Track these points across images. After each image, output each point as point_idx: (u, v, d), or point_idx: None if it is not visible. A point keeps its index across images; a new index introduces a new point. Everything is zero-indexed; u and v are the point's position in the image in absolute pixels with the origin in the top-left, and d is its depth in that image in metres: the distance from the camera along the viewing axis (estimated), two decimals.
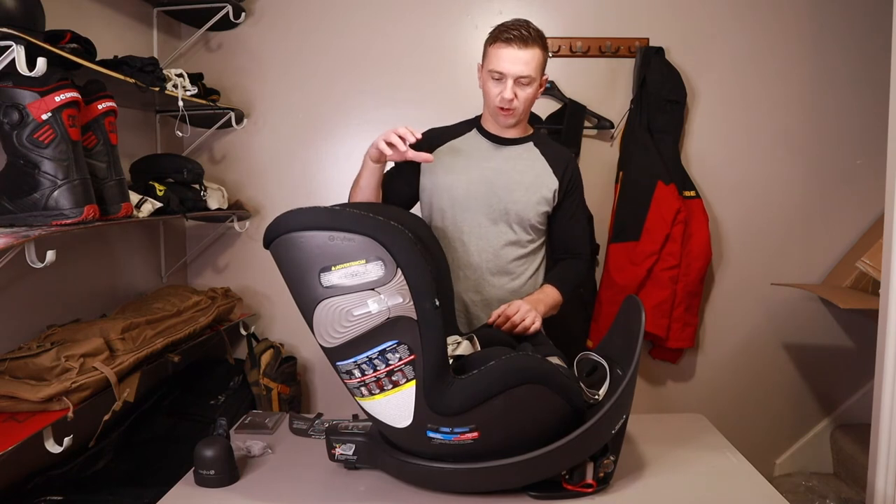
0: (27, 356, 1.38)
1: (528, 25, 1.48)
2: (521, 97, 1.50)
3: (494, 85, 1.50)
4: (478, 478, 1.11)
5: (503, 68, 1.46)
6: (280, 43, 2.38)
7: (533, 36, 1.46)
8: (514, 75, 1.46)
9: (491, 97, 1.52)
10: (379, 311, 1.02)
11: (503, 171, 1.58)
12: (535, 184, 1.58)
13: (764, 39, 2.35)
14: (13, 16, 1.25)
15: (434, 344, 1.05)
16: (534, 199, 1.57)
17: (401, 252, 1.02)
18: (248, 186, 2.43)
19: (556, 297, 1.56)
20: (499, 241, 1.58)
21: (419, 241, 1.20)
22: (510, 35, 1.45)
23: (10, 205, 1.34)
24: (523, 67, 1.46)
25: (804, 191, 2.42)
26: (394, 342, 1.04)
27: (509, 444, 1.09)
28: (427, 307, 1.04)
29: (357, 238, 1.02)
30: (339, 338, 1.04)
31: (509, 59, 1.45)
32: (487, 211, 1.57)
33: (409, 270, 1.03)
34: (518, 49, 1.45)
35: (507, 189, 1.56)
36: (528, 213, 1.57)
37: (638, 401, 2.71)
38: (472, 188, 1.56)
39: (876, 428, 1.59)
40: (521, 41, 1.45)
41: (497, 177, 1.57)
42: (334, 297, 1.02)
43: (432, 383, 1.06)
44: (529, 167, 1.59)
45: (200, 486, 1.18)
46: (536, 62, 1.47)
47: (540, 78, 1.52)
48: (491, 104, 1.54)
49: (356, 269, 1.02)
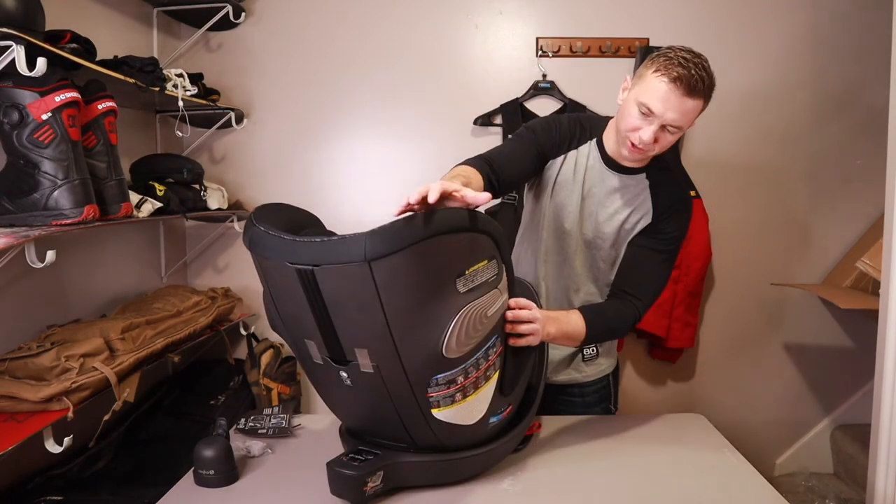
0: (27, 356, 1.38)
1: (703, 68, 1.20)
2: (662, 144, 1.27)
3: (637, 118, 1.24)
4: (510, 445, 1.21)
5: (656, 108, 1.21)
6: (280, 43, 2.38)
7: (705, 87, 1.20)
8: (666, 122, 1.22)
9: (626, 127, 1.27)
10: (500, 308, 1.05)
11: (603, 203, 1.40)
12: (627, 218, 1.39)
13: (764, 39, 2.35)
14: (13, 16, 1.25)
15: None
16: (615, 226, 1.40)
17: (503, 248, 1.06)
18: (248, 186, 2.43)
19: (578, 331, 1.29)
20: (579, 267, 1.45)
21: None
22: (679, 74, 1.18)
23: (10, 205, 1.34)
24: (679, 117, 1.21)
25: (804, 191, 2.42)
26: (495, 336, 1.06)
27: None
28: (509, 296, 1.08)
29: (481, 237, 1.00)
30: (470, 344, 1.01)
31: (667, 102, 1.20)
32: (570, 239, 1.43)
33: (508, 265, 1.07)
34: (682, 95, 1.19)
35: (594, 219, 1.41)
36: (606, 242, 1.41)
37: (638, 401, 2.71)
38: (567, 218, 1.42)
39: (876, 428, 1.59)
40: (690, 88, 1.18)
41: (593, 206, 1.40)
42: (473, 301, 0.99)
43: (503, 369, 1.11)
44: (630, 203, 1.39)
45: (200, 486, 1.18)
46: (695, 114, 1.24)
47: (688, 126, 1.28)
48: (623, 132, 1.29)
49: (483, 268, 1.01)
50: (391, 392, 1.02)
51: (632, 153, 1.30)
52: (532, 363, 1.23)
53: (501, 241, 1.05)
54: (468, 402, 1.06)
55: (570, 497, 1.13)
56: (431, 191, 0.93)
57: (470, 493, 1.13)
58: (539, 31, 2.36)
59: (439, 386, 1.02)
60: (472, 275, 0.98)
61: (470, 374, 1.04)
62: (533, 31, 2.36)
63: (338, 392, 1.11)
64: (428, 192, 0.93)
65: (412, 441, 1.10)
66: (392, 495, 1.11)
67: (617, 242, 1.41)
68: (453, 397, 1.04)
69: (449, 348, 0.98)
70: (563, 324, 1.27)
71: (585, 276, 1.45)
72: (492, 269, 1.02)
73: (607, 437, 1.37)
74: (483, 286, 1.01)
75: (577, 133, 1.41)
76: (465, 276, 0.97)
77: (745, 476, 1.21)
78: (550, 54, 2.34)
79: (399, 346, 0.96)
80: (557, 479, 1.18)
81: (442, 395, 1.03)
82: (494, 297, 1.03)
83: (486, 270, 1.01)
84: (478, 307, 0.99)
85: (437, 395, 1.03)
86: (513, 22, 2.36)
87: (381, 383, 1.01)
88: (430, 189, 0.94)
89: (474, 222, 0.99)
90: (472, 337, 1.01)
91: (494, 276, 1.03)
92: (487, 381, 1.08)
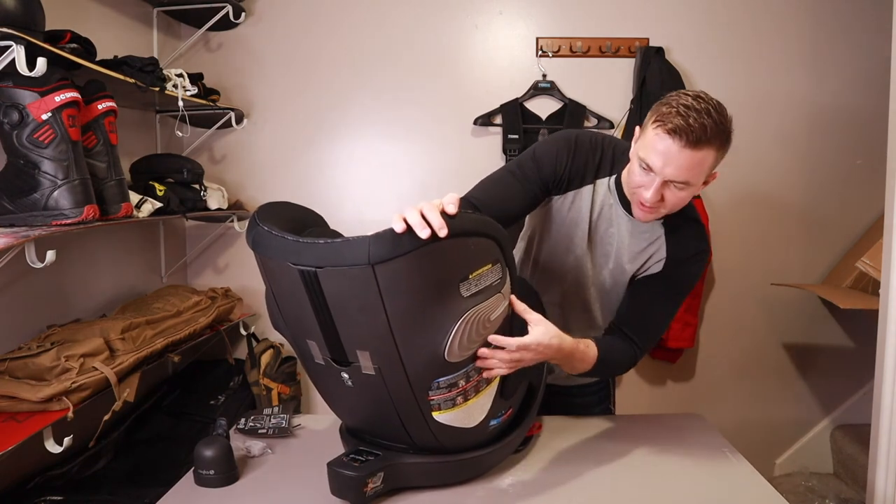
0: (27, 356, 1.38)
1: (709, 114, 1.06)
2: (670, 202, 1.13)
3: (640, 174, 1.12)
4: (511, 446, 1.20)
5: (654, 163, 1.08)
6: (280, 43, 2.38)
7: (709, 136, 1.06)
8: (667, 178, 1.09)
9: (632, 184, 1.16)
10: (503, 313, 1.03)
11: (618, 248, 1.28)
12: (641, 267, 1.28)
13: (764, 39, 2.35)
14: (13, 16, 1.25)
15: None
16: (627, 277, 1.30)
17: (507, 252, 1.05)
18: (248, 186, 2.43)
19: (588, 361, 1.18)
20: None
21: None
22: (676, 125, 1.04)
23: (10, 205, 1.34)
24: (681, 172, 1.08)
25: (804, 191, 2.42)
26: None
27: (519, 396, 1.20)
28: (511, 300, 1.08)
29: (484, 241, 0.99)
30: (472, 348, 1.01)
31: (666, 156, 1.07)
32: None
33: (512, 269, 1.06)
34: (682, 148, 1.05)
35: (608, 266, 1.31)
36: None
37: (638, 401, 2.71)
38: (579, 263, 1.32)
39: (876, 428, 1.59)
40: (692, 141, 1.05)
41: (608, 251, 1.30)
42: (476, 305, 0.98)
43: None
44: (645, 251, 1.27)
45: (200, 486, 1.18)
46: (706, 166, 1.10)
47: (701, 182, 1.14)
48: (630, 189, 1.17)
49: (486, 272, 1.00)
50: (392, 394, 1.02)
51: (642, 212, 1.17)
52: (533, 366, 1.23)
53: (506, 245, 1.05)
54: (469, 406, 1.06)
55: (570, 497, 1.12)
56: (447, 203, 0.92)
57: (470, 494, 1.13)
58: (539, 31, 2.36)
59: (440, 389, 1.02)
60: (476, 279, 0.98)
61: (472, 378, 1.04)
62: (533, 31, 2.36)
63: (339, 393, 1.11)
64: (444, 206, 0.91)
65: (412, 442, 1.09)
66: (392, 496, 1.11)
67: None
68: (454, 401, 1.04)
69: (451, 352, 0.98)
70: (577, 353, 1.15)
71: (604, 322, 1.35)
72: (495, 273, 1.02)
73: (607, 437, 1.37)
74: (486, 290, 1.00)
75: (595, 164, 1.25)
76: (468, 281, 0.97)
77: (745, 476, 1.21)
78: (550, 54, 2.34)
79: (401, 348, 0.96)
80: (558, 480, 1.18)
81: (443, 398, 1.02)
82: (498, 301, 1.03)
83: (490, 275, 1.00)
84: (481, 312, 0.99)
85: (438, 398, 1.02)
86: (513, 22, 2.36)
87: (383, 385, 1.01)
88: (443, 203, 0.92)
89: (479, 226, 0.98)
90: (474, 341, 1.00)
91: (498, 281, 1.02)
92: (489, 385, 1.08)
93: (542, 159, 1.24)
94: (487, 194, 1.22)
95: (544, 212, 1.31)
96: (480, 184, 1.25)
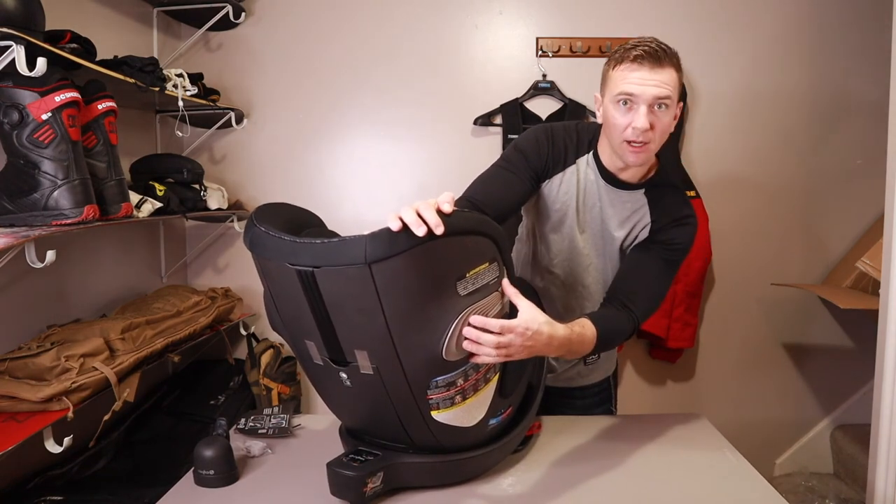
0: (27, 356, 1.38)
1: (657, 41, 1.20)
2: (659, 127, 1.20)
3: (622, 114, 1.19)
4: (510, 446, 1.21)
5: (635, 90, 1.17)
6: (280, 43, 2.38)
7: (669, 54, 1.19)
8: (650, 98, 1.17)
9: (617, 130, 1.21)
10: (501, 311, 1.04)
11: (605, 220, 1.35)
12: (627, 235, 1.34)
13: (764, 39, 2.35)
14: (13, 16, 1.25)
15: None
16: (617, 245, 1.36)
17: (504, 250, 1.06)
18: (248, 186, 2.43)
19: (588, 341, 1.17)
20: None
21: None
22: (640, 52, 1.17)
23: (10, 205, 1.34)
24: (661, 88, 1.17)
25: (804, 191, 2.42)
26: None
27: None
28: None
29: (481, 240, 1.00)
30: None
31: (643, 80, 1.17)
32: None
33: (509, 267, 1.07)
34: (651, 68, 1.17)
35: (600, 237, 1.37)
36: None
37: (638, 401, 2.71)
38: (573, 238, 1.38)
39: (876, 428, 1.59)
40: (655, 60, 1.17)
41: (596, 224, 1.36)
42: (474, 304, 0.99)
43: (503, 372, 1.11)
44: (629, 219, 1.33)
45: (200, 486, 1.18)
46: (673, 83, 1.19)
47: (676, 104, 1.23)
48: (617, 139, 1.22)
49: (484, 271, 1.00)
50: (391, 394, 1.02)
51: (635, 153, 1.21)
52: (532, 364, 1.23)
53: (502, 243, 1.05)
54: (468, 405, 1.06)
55: (570, 497, 1.12)
56: (442, 202, 0.93)
57: (470, 494, 1.13)
58: (539, 31, 2.36)
59: (439, 388, 1.02)
60: (473, 277, 0.98)
61: (470, 377, 1.04)
62: (533, 31, 2.36)
63: (337, 393, 1.11)
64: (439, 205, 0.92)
65: (411, 442, 1.09)
66: (392, 496, 1.11)
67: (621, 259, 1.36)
68: (453, 400, 1.04)
69: (449, 351, 0.98)
70: (576, 339, 1.13)
71: (600, 294, 1.38)
72: (493, 271, 1.02)
73: (607, 437, 1.37)
74: (484, 289, 1.00)
75: (574, 145, 1.34)
76: (465, 279, 0.97)
77: (745, 476, 1.21)
78: (550, 54, 2.34)
79: (399, 348, 0.96)
80: (558, 480, 1.18)
81: (441, 397, 1.03)
82: (495, 299, 1.03)
83: (487, 273, 1.01)
84: (478, 310, 0.99)
85: (436, 397, 1.02)
86: (513, 22, 2.36)
87: (381, 385, 1.01)
88: (438, 202, 0.93)
89: (475, 225, 0.99)
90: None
91: (495, 279, 1.03)
92: (487, 384, 1.08)
93: (526, 149, 1.31)
94: (483, 190, 1.27)
95: (537, 201, 1.37)
96: (473, 184, 1.29)
